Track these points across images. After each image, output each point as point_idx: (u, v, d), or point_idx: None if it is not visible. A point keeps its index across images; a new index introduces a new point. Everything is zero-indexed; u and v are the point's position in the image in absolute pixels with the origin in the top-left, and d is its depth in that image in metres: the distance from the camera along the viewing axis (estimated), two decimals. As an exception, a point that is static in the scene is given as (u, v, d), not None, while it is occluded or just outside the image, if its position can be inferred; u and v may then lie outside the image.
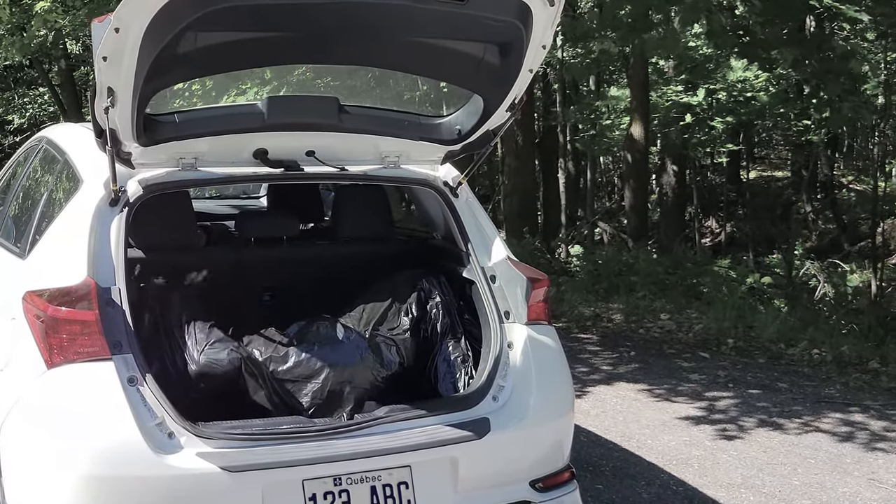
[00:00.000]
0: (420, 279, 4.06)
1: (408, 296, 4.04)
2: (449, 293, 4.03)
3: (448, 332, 3.99)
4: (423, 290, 4.04)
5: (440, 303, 4.00)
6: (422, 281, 4.04)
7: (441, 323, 3.99)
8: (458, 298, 4.03)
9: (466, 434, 3.46)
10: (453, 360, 3.95)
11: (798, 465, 5.44)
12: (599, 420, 6.23)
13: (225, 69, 3.69)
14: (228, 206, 6.40)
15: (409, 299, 4.02)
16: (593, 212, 21.72)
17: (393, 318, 4.02)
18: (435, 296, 4.02)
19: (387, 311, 4.03)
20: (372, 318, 4.00)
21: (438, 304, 4.00)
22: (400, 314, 4.01)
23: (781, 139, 23.23)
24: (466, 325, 4.00)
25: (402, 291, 4.06)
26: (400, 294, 4.06)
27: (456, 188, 4.06)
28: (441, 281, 4.04)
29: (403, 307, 4.02)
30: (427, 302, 4.03)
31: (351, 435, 3.37)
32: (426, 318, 4.01)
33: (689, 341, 8.66)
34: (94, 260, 3.34)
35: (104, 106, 3.11)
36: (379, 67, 3.73)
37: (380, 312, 4.02)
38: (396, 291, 4.06)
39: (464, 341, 3.97)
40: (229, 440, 3.23)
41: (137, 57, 2.93)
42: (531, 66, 3.44)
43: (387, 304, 4.04)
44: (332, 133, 3.73)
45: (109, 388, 3.15)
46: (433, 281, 4.04)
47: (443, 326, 3.99)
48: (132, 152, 3.48)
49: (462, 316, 4.01)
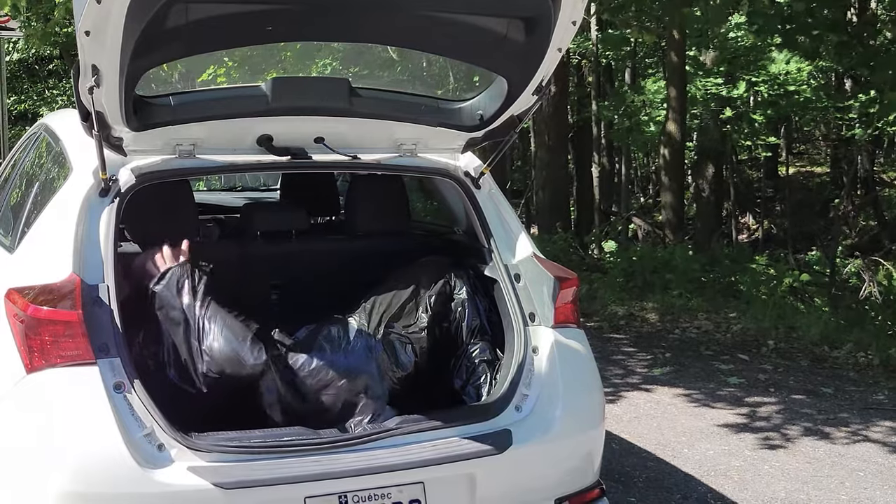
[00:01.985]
0: (446, 271, 3.71)
1: (429, 288, 3.69)
2: (479, 289, 3.70)
3: (476, 332, 3.66)
4: (448, 283, 3.70)
5: (466, 301, 3.67)
6: (448, 274, 3.71)
7: (468, 322, 3.65)
8: (485, 296, 3.71)
9: (486, 448, 3.15)
10: (478, 363, 3.62)
11: (846, 478, 5.08)
12: (633, 426, 5.89)
13: (219, 46, 3.41)
14: (246, 198, 6.12)
15: (430, 291, 3.67)
16: (628, 207, 21.35)
17: (410, 314, 3.66)
18: (462, 292, 3.68)
19: (405, 304, 3.67)
20: (387, 313, 3.65)
21: (465, 303, 3.66)
22: (418, 309, 3.65)
23: (820, 135, 22.75)
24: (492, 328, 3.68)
25: (423, 283, 3.71)
26: (421, 286, 3.71)
27: (478, 179, 3.76)
28: (469, 274, 3.71)
29: (423, 302, 3.68)
30: (452, 298, 3.69)
31: (359, 448, 3.08)
32: (449, 315, 3.67)
33: (728, 342, 8.29)
34: (81, 255, 3.08)
35: (88, 85, 2.83)
36: (390, 45, 3.42)
37: (396, 307, 3.66)
38: (418, 282, 3.71)
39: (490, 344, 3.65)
40: (224, 453, 2.96)
41: (123, 31, 2.64)
42: (560, 44, 3.13)
43: (406, 296, 3.68)
44: (343, 118, 3.45)
45: (93, 396, 2.89)
46: (461, 274, 3.71)
47: (470, 326, 3.65)
48: (123, 138, 3.21)
49: (489, 317, 3.69)
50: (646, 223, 20.40)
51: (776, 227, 20.84)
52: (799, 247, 17.66)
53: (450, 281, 3.67)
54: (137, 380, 2.94)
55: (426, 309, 3.63)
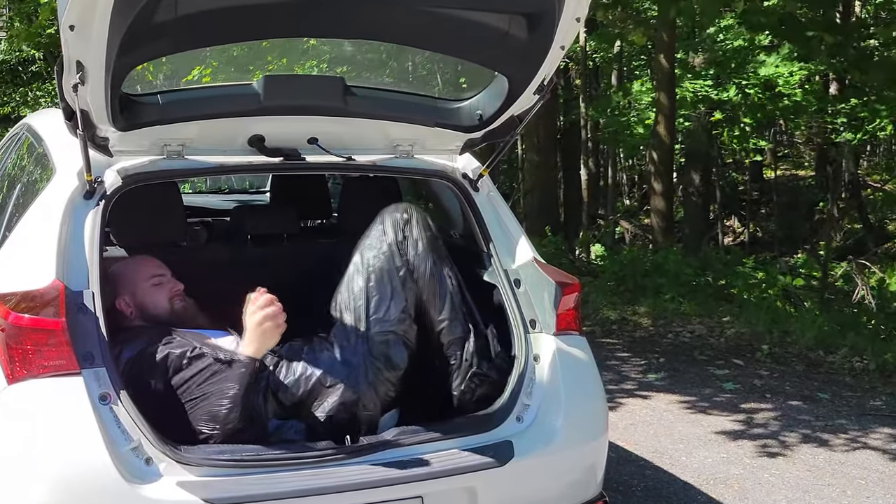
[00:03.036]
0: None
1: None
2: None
3: (447, 299, 3.35)
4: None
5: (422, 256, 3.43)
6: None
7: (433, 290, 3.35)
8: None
9: (486, 460, 3.03)
10: (448, 343, 3.33)
11: (847, 486, 4.98)
12: (629, 433, 5.78)
13: (209, 42, 3.27)
14: (234, 201, 6.00)
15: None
16: (614, 210, 21.29)
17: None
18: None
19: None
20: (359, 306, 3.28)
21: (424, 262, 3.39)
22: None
23: (806, 137, 22.75)
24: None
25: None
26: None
27: (476, 181, 3.64)
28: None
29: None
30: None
31: (355, 461, 2.95)
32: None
33: (722, 347, 8.19)
34: (64, 260, 2.95)
35: (72, 83, 2.69)
36: (387, 42, 3.30)
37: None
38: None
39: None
40: (215, 467, 2.82)
41: (109, 25, 2.50)
42: (563, 41, 3.00)
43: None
44: (338, 118, 3.32)
45: (77, 407, 2.75)
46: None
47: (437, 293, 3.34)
48: (109, 138, 3.08)
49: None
50: (633, 226, 20.34)
51: (761, 230, 20.83)
52: (784, 250, 17.64)
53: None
54: (124, 390, 2.81)
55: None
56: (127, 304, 3.33)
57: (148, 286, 3.36)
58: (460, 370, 3.30)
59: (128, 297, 3.34)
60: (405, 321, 3.22)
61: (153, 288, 3.36)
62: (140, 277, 3.37)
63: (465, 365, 3.30)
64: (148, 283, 3.37)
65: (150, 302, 3.34)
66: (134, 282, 3.36)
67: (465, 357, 3.29)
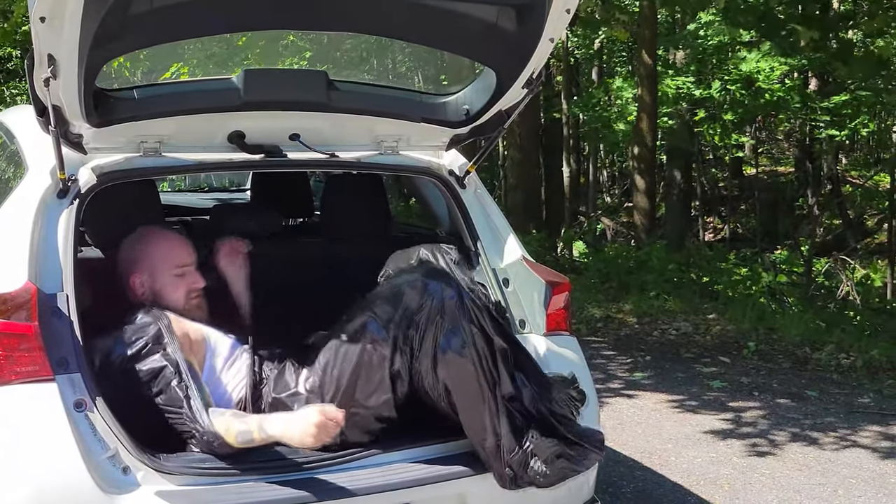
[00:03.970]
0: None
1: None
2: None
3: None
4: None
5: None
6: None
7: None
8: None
9: (477, 466, 2.94)
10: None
11: (838, 485, 4.92)
12: (617, 434, 5.70)
13: (186, 35, 3.18)
14: (214, 199, 5.89)
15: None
16: (595, 207, 21.26)
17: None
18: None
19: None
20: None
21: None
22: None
23: (786, 133, 22.80)
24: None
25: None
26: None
27: (463, 178, 3.55)
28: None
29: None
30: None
31: (340, 468, 2.85)
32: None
33: (708, 344, 8.13)
34: (37, 261, 2.83)
35: (44, 77, 2.58)
36: (372, 34, 3.20)
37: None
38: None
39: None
40: (195, 475, 2.72)
41: (81, 17, 2.40)
42: (553, 33, 2.92)
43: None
44: (320, 113, 3.23)
45: (51, 415, 2.64)
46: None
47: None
48: (83, 134, 2.97)
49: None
50: (614, 223, 20.31)
51: (741, 227, 20.85)
52: (764, 246, 17.66)
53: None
54: (100, 397, 2.70)
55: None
56: (142, 284, 3.16)
57: (170, 276, 3.17)
58: None
59: (146, 277, 3.16)
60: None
61: (174, 279, 3.17)
62: (166, 265, 3.17)
63: None
64: (171, 272, 3.18)
65: (167, 293, 3.15)
66: (158, 267, 3.17)
67: None
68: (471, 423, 2.85)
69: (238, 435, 2.74)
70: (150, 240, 3.23)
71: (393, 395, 2.90)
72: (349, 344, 2.96)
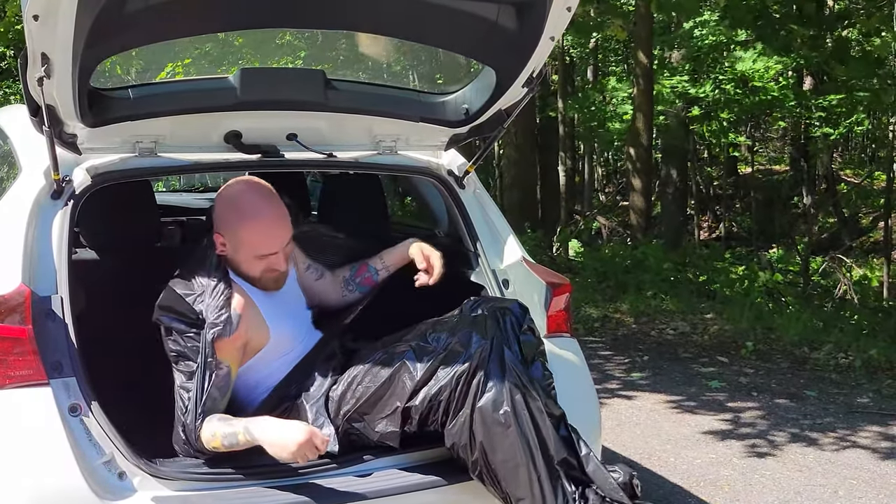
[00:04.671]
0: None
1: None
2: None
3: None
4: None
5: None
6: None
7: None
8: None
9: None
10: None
11: (839, 486, 4.89)
12: (616, 434, 5.67)
13: (182, 33, 3.13)
14: (209, 199, 5.84)
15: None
16: (591, 206, 21.24)
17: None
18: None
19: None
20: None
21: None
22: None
23: (783, 132, 22.81)
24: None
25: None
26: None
27: (462, 178, 3.51)
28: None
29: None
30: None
31: (339, 472, 2.81)
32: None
33: (706, 344, 8.10)
34: (31, 263, 2.79)
35: (37, 76, 2.54)
36: (369, 33, 3.17)
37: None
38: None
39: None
40: (192, 481, 2.68)
41: (76, 15, 2.35)
42: (553, 31, 2.88)
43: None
44: (318, 113, 3.20)
45: (46, 420, 2.60)
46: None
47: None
48: (77, 134, 2.93)
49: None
50: (610, 222, 20.29)
51: (736, 225, 20.86)
52: (760, 245, 17.67)
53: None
54: (95, 401, 2.66)
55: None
56: (223, 245, 2.95)
57: (253, 257, 2.96)
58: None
59: (229, 246, 2.95)
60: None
61: (255, 259, 2.96)
62: (250, 249, 2.94)
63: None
64: (254, 254, 2.95)
65: (245, 267, 2.96)
66: (242, 246, 2.94)
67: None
68: (512, 487, 2.71)
69: (224, 438, 2.70)
70: (243, 217, 2.94)
71: (401, 430, 2.82)
72: (382, 367, 2.86)
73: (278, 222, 2.98)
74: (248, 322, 2.88)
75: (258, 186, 3.01)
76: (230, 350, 2.84)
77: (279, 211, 2.99)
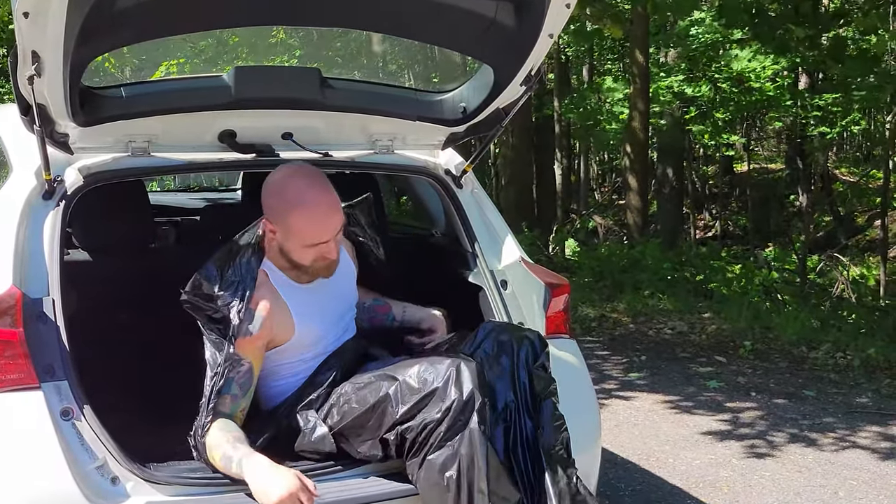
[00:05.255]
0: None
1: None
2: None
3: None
4: None
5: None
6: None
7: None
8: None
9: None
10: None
11: (839, 487, 4.86)
12: (614, 435, 5.64)
13: (175, 31, 3.08)
14: (203, 199, 5.80)
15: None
16: (587, 205, 21.22)
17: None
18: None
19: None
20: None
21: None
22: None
23: (779, 132, 22.81)
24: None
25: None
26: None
27: (459, 177, 3.47)
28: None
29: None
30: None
31: (336, 477, 2.77)
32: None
33: (703, 344, 8.07)
34: (22, 265, 2.74)
35: (28, 75, 2.49)
36: (366, 30, 3.12)
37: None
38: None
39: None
40: (187, 486, 2.64)
41: (66, 12, 2.31)
42: (552, 29, 2.84)
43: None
44: (314, 111, 3.15)
45: (37, 424, 2.56)
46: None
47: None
48: (69, 134, 2.88)
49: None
50: (606, 220, 20.27)
51: (732, 224, 20.87)
52: (756, 243, 17.66)
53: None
54: (88, 405, 2.62)
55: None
56: (272, 232, 2.86)
57: (304, 246, 2.84)
58: None
59: (279, 234, 2.85)
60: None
61: (306, 248, 2.86)
62: (299, 239, 2.83)
63: None
64: (304, 244, 2.84)
65: (295, 255, 2.87)
66: (292, 236, 2.83)
67: None
68: None
69: (222, 459, 2.63)
70: (293, 206, 2.80)
71: (383, 453, 2.74)
72: (370, 392, 2.76)
73: (330, 210, 2.83)
74: (272, 321, 2.82)
75: (308, 172, 2.87)
76: (251, 348, 2.78)
77: (331, 198, 2.84)
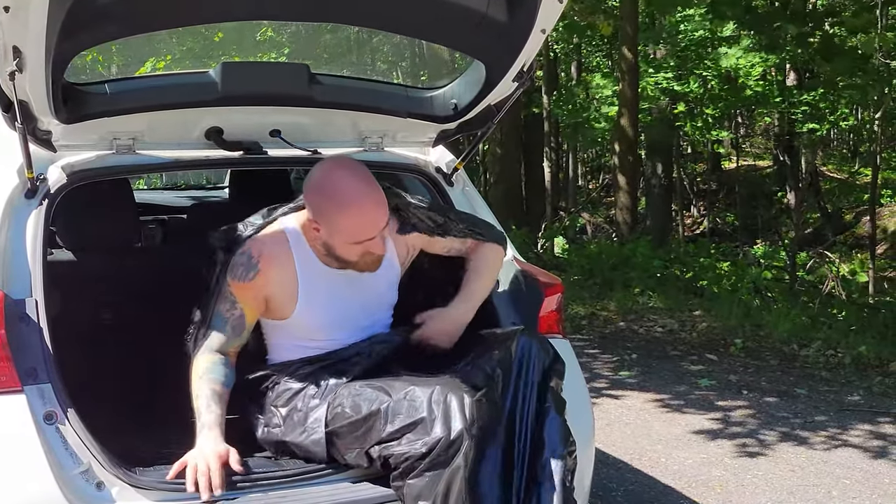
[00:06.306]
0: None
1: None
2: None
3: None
4: None
5: None
6: None
7: None
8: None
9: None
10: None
11: (832, 486, 4.83)
12: (606, 434, 5.60)
13: (160, 26, 3.02)
14: (190, 198, 5.74)
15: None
16: (576, 202, 21.21)
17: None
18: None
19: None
20: None
21: None
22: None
23: (768, 128, 22.85)
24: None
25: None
26: None
27: (451, 175, 3.42)
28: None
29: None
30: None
31: (330, 479, 2.72)
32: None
33: (694, 341, 8.05)
34: (4, 265, 2.68)
35: (9, 70, 2.43)
36: (357, 25, 3.07)
37: None
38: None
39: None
40: (172, 490, 2.58)
41: (48, 6, 2.25)
42: (544, 24, 2.80)
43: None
44: (302, 108, 3.11)
45: (19, 428, 2.49)
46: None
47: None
48: (52, 131, 2.82)
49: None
50: (595, 218, 20.26)
51: (720, 221, 20.90)
52: (744, 240, 17.69)
53: None
54: (72, 408, 2.56)
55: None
56: (317, 230, 2.79)
57: (349, 243, 2.79)
58: None
59: (323, 231, 2.79)
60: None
61: (353, 245, 2.79)
62: (344, 236, 2.77)
63: None
64: (350, 241, 2.79)
65: (340, 251, 2.82)
66: (337, 233, 2.77)
67: None
68: None
69: (195, 408, 2.71)
70: (337, 204, 2.73)
71: (368, 466, 2.68)
72: (364, 402, 2.68)
73: (375, 208, 2.75)
74: (270, 280, 2.81)
75: (353, 169, 2.79)
76: (246, 296, 2.80)
77: (376, 196, 2.76)
